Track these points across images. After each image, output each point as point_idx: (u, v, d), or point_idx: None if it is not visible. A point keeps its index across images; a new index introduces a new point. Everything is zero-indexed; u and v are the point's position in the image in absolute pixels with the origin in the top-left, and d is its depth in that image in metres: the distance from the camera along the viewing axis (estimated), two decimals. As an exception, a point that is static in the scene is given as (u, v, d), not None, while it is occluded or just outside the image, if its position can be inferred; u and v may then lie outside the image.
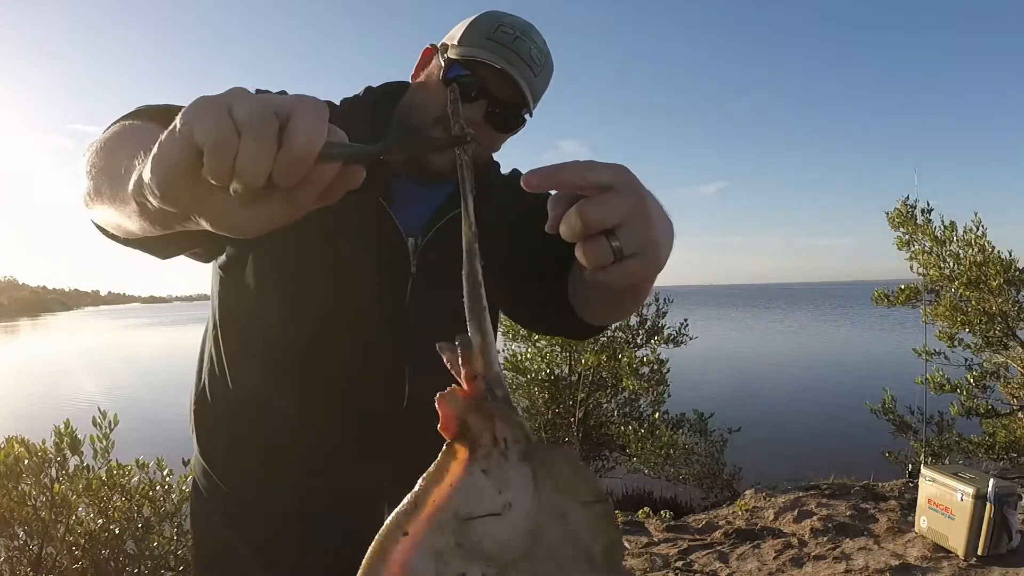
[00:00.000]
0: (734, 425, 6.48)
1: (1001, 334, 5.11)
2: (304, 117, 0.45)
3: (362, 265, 0.96)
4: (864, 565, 3.09)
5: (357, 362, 0.97)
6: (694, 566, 3.26)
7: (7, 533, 2.57)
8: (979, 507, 3.01)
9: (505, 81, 0.94)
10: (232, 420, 1.03)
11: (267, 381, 0.99)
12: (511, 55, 0.93)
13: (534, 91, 0.97)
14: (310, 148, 0.45)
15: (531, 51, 0.95)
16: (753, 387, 14.43)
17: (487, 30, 0.95)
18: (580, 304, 0.95)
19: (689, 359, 7.70)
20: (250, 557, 1.04)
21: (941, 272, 5.21)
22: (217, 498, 1.07)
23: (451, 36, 0.99)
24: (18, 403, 13.88)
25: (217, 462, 1.07)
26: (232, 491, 1.05)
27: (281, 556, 1.02)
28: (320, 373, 0.97)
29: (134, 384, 16.11)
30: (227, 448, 1.06)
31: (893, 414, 5.42)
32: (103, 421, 2.67)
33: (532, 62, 0.95)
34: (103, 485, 2.62)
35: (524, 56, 0.94)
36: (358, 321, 0.96)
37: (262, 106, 0.45)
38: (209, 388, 1.05)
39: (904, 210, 5.38)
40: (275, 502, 1.01)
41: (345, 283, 0.95)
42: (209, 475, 1.07)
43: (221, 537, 1.07)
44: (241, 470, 1.04)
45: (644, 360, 6.46)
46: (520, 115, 0.99)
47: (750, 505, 4.14)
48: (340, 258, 0.95)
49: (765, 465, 6.72)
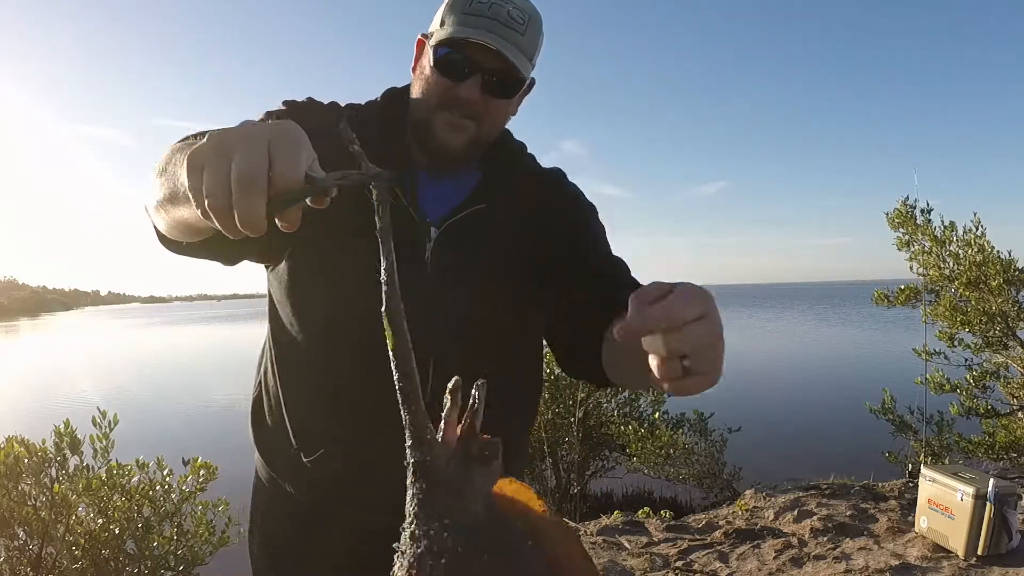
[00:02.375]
0: (734, 425, 6.47)
1: (1001, 334, 5.11)
2: (282, 167, 0.56)
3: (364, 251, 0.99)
4: (864, 565, 3.09)
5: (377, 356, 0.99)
6: (694, 566, 3.26)
7: (7, 533, 2.57)
8: (979, 507, 3.01)
9: (485, 47, 0.94)
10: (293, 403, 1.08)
11: (318, 356, 1.04)
12: (491, 23, 0.95)
13: (524, 48, 0.98)
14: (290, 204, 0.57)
15: (509, 12, 0.96)
16: (753, 387, 14.42)
17: (463, 4, 0.96)
18: (615, 372, 0.95)
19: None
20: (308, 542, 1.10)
21: (941, 272, 5.21)
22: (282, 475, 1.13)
23: (434, 21, 1.01)
24: (18, 403, 13.87)
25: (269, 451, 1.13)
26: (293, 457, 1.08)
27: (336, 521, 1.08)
28: (354, 357, 1.01)
29: (134, 384, 16.10)
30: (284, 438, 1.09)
31: (893, 414, 5.42)
32: (103, 421, 2.67)
33: (513, 22, 0.96)
34: (103, 485, 2.62)
35: (504, 20, 0.95)
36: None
37: (253, 164, 0.55)
38: (265, 387, 1.12)
39: (904, 210, 5.38)
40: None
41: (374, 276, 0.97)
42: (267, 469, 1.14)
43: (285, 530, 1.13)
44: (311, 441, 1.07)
45: (644, 360, 6.45)
46: (517, 77, 0.99)
47: (750, 505, 4.14)
48: (369, 252, 0.96)
49: (765, 465, 6.72)
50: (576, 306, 1.01)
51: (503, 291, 1.05)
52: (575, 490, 6.04)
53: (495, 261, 1.04)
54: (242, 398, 9.00)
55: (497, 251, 1.05)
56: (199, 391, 14.33)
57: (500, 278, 1.05)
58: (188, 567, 2.70)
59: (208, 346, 33.07)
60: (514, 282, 1.06)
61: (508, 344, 1.08)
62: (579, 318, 1.00)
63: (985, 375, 5.23)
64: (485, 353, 0.97)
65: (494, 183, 1.08)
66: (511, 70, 0.97)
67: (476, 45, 0.94)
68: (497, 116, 1.03)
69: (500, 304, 1.05)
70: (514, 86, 1.00)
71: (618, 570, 3.21)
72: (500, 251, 1.05)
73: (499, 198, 1.06)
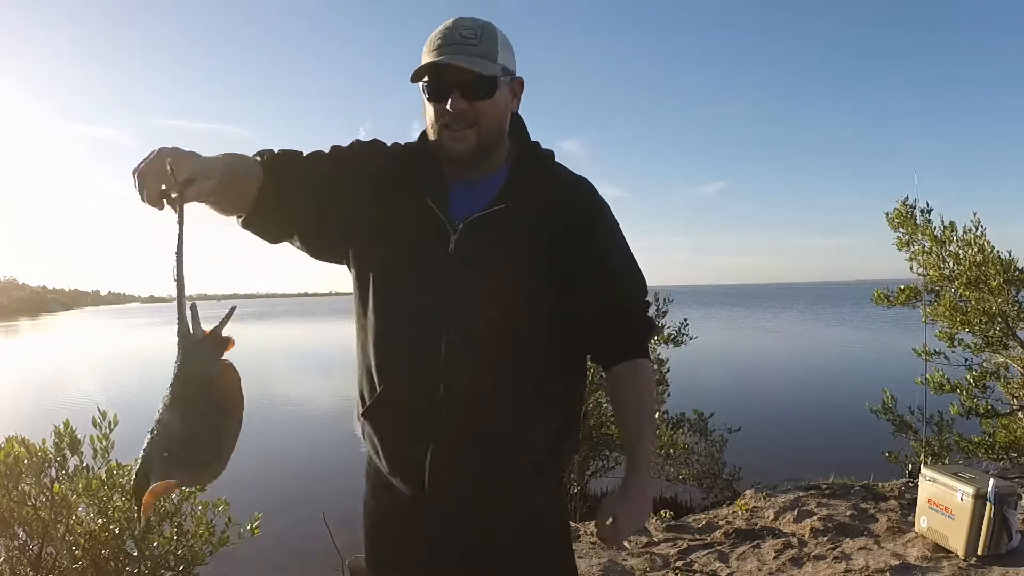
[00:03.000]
0: (734, 425, 6.47)
1: (1001, 334, 5.11)
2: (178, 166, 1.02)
3: (419, 250, 1.24)
4: (864, 565, 3.09)
5: (419, 330, 1.23)
6: (694, 566, 3.26)
7: (7, 533, 2.57)
8: (979, 507, 3.00)
9: (449, 66, 1.15)
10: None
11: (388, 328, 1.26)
12: (449, 47, 1.16)
13: (484, 53, 1.17)
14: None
15: (461, 33, 1.18)
16: (753, 387, 14.43)
17: (427, 46, 1.20)
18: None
19: (689, 359, 7.70)
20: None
21: (941, 272, 5.20)
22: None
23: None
24: (18, 403, 13.88)
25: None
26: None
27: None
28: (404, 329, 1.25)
29: (134, 384, 16.10)
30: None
31: (893, 414, 5.41)
32: (103, 421, 2.67)
33: (466, 40, 1.17)
34: (103, 485, 2.62)
35: (458, 41, 1.17)
36: (417, 302, 1.23)
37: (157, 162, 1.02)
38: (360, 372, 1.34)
39: (904, 210, 5.37)
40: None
41: (412, 267, 1.25)
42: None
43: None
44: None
45: (644, 360, 6.45)
46: (485, 77, 1.16)
47: (750, 505, 4.14)
48: (408, 249, 1.25)
49: (765, 465, 6.72)
50: (571, 315, 1.26)
51: (516, 278, 1.22)
52: (575, 490, 6.05)
53: (510, 252, 1.22)
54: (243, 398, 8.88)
55: (512, 244, 1.22)
56: (199, 391, 14.22)
57: (515, 267, 1.22)
58: (188, 567, 2.70)
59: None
60: (527, 271, 1.22)
61: (518, 322, 1.21)
62: (572, 328, 1.27)
63: (985, 375, 5.22)
64: (496, 329, 1.19)
65: (517, 186, 1.26)
66: (478, 75, 1.15)
67: (445, 67, 1.15)
68: (491, 115, 1.20)
69: (513, 288, 1.21)
70: (487, 85, 1.17)
71: (618, 570, 3.22)
72: (515, 245, 1.22)
73: (520, 199, 1.24)
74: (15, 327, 59.41)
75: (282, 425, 11.63)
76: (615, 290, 1.28)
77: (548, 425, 1.27)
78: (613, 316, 1.27)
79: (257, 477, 7.35)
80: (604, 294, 1.26)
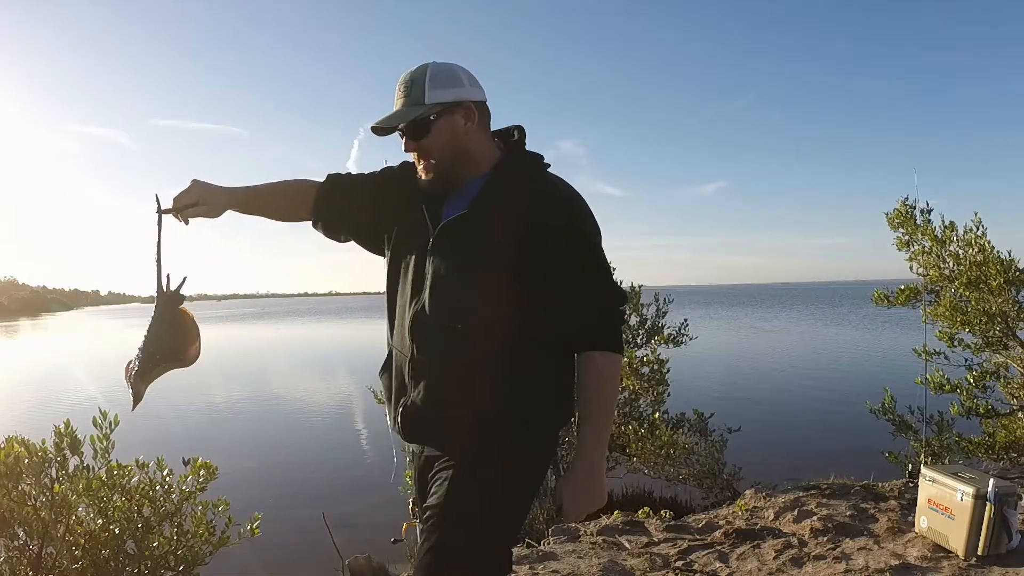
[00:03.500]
0: (734, 425, 6.47)
1: (1001, 334, 5.10)
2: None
3: (411, 248, 1.53)
4: (864, 565, 3.09)
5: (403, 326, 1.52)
6: (694, 566, 3.26)
7: (7, 533, 2.57)
8: (979, 507, 3.00)
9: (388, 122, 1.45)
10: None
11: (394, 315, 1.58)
12: (394, 104, 1.46)
13: (413, 100, 1.41)
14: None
15: (399, 87, 1.45)
16: (753, 387, 14.43)
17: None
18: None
19: (689, 359, 7.70)
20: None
21: (941, 272, 5.20)
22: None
23: None
24: (18, 403, 13.87)
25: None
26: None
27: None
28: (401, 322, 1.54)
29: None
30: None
31: (893, 414, 5.41)
32: (103, 422, 2.67)
33: (403, 93, 1.43)
34: (103, 485, 2.62)
35: (398, 95, 1.45)
36: (411, 293, 1.49)
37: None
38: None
39: (904, 210, 5.36)
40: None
41: (409, 263, 1.53)
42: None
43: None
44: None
45: (644, 360, 6.45)
46: (412, 123, 1.42)
47: (750, 505, 4.14)
48: (406, 248, 1.55)
49: (765, 465, 6.73)
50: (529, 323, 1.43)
51: (476, 271, 1.41)
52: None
53: (473, 249, 1.42)
54: (243, 398, 9.10)
55: (477, 242, 1.42)
56: (199, 391, 14.33)
57: (477, 262, 1.41)
58: (188, 567, 2.70)
59: (208, 346, 32.72)
60: (488, 265, 1.41)
61: (474, 308, 1.40)
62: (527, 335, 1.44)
63: (985, 375, 5.22)
64: (462, 314, 1.39)
65: (491, 192, 1.46)
66: (410, 123, 1.42)
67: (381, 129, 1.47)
68: (436, 148, 1.45)
69: (472, 279, 1.40)
70: (418, 128, 1.43)
71: (618, 570, 3.22)
72: (480, 242, 1.42)
73: (493, 203, 1.44)
74: (15, 327, 59.33)
75: (282, 425, 11.64)
76: (575, 291, 1.41)
77: (493, 392, 1.41)
78: (570, 313, 1.41)
79: (257, 477, 7.36)
80: (565, 293, 1.41)
